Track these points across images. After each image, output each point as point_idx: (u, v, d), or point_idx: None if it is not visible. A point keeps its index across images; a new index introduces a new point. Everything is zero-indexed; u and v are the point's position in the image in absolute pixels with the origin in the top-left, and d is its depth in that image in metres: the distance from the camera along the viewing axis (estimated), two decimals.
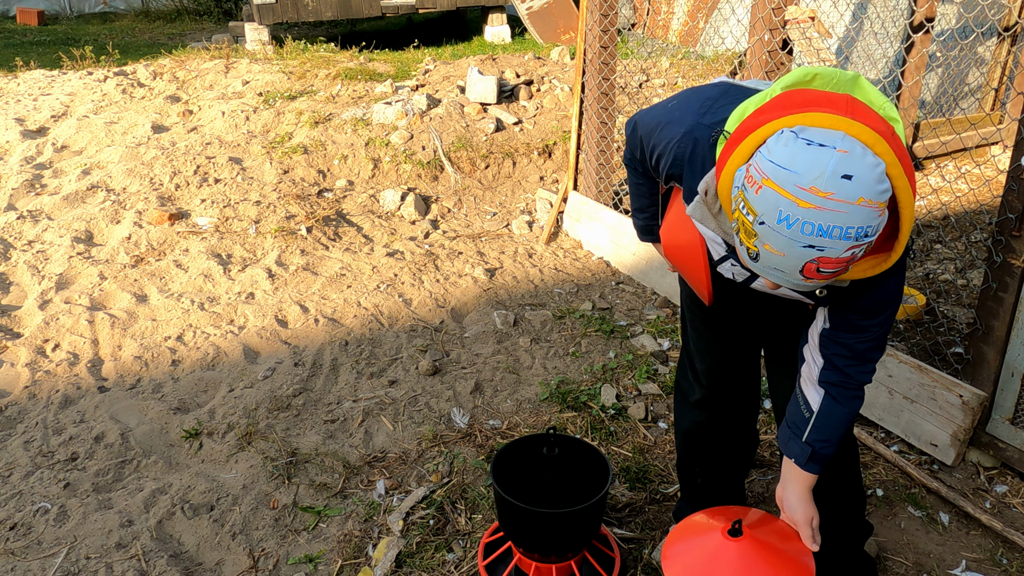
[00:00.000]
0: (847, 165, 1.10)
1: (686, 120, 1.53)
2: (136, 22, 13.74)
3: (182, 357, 3.20)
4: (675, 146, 1.53)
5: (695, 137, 1.50)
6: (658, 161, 1.61)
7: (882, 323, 1.46)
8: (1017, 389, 2.45)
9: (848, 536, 1.97)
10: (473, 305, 3.65)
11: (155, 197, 4.36)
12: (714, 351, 1.95)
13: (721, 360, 1.96)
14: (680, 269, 1.79)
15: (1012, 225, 2.30)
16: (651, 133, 1.63)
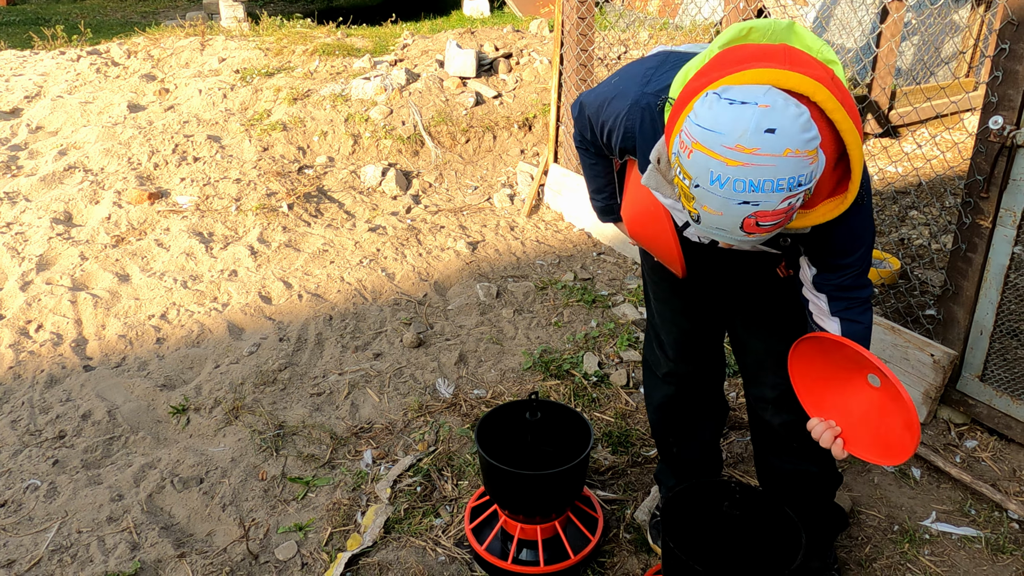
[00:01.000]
0: (769, 119, 1.12)
1: (631, 92, 1.54)
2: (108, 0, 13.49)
3: (167, 335, 3.22)
4: (624, 119, 1.55)
5: (642, 107, 1.51)
6: (609, 137, 1.63)
7: (860, 258, 1.50)
8: (986, 347, 2.52)
9: (820, 488, 2.03)
10: (456, 278, 3.67)
11: (134, 177, 4.33)
12: (680, 321, 1.97)
13: (688, 330, 1.98)
14: (647, 244, 1.79)
15: (980, 187, 2.35)
16: (598, 111, 1.64)
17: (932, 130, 5.59)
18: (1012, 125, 2.23)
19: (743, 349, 1.94)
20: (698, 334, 1.98)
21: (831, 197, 1.32)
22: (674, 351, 2.00)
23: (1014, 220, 2.31)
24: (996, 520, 2.29)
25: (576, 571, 2.11)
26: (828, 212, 1.32)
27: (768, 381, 1.89)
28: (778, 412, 1.91)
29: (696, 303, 1.93)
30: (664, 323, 1.99)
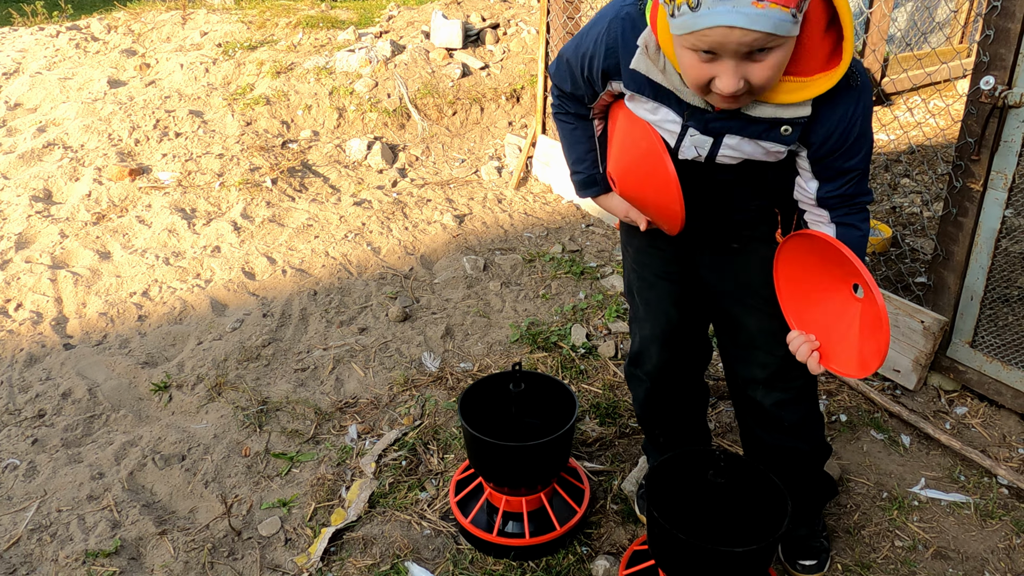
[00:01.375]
0: None
1: (608, 13, 1.50)
2: None
3: (148, 312, 3.17)
4: (604, 36, 1.50)
5: (622, 18, 1.46)
6: (591, 66, 1.56)
7: (863, 159, 1.47)
8: (976, 313, 2.49)
9: (810, 462, 2.00)
10: (443, 251, 3.63)
11: (114, 153, 4.26)
12: (668, 310, 1.88)
13: (676, 320, 1.89)
14: (640, 192, 1.68)
15: (971, 149, 2.31)
16: (577, 48, 1.59)
17: (925, 96, 5.52)
18: (1003, 85, 2.18)
19: (733, 328, 1.86)
20: (685, 324, 1.90)
21: (825, 71, 1.31)
22: (659, 344, 1.91)
23: (1005, 183, 2.27)
24: (985, 486, 2.27)
25: (562, 542, 2.09)
26: (826, 82, 1.31)
27: (758, 360, 1.83)
28: (769, 391, 1.86)
29: (685, 287, 1.84)
30: (650, 314, 1.89)
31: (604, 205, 1.84)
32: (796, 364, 1.76)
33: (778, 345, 1.80)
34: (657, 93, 1.46)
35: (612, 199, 1.81)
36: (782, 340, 1.82)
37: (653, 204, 1.65)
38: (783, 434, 1.91)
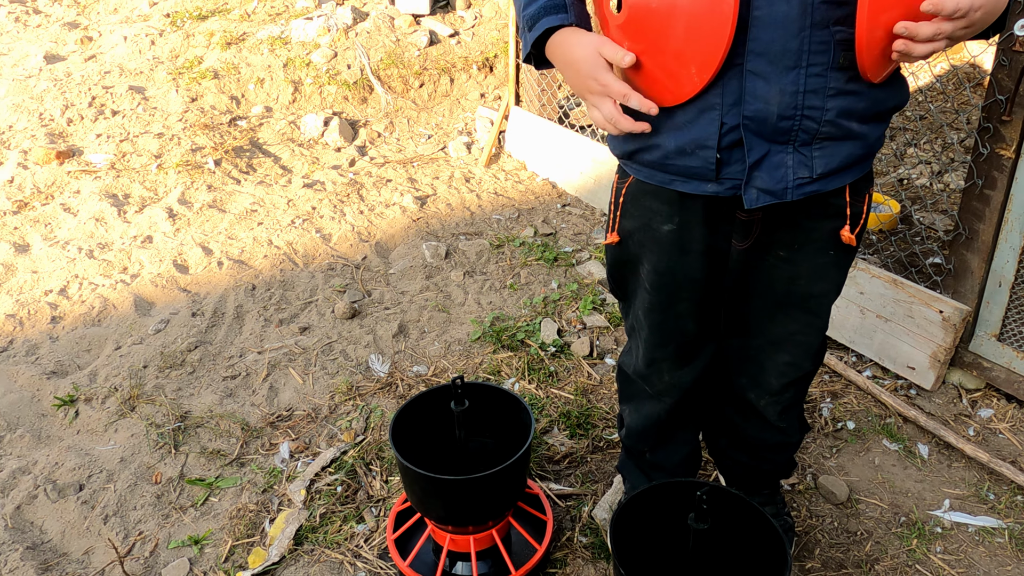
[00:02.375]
0: None
1: None
2: None
3: (64, 313, 2.80)
4: None
5: None
6: None
7: None
8: (1005, 301, 2.14)
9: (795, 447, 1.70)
10: (401, 237, 3.26)
11: (43, 134, 3.86)
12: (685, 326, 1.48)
13: (693, 335, 1.50)
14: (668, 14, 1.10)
15: (1002, 108, 1.94)
16: None
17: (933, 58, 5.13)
18: None
19: (752, 331, 1.50)
20: (704, 335, 1.53)
21: None
22: (672, 361, 1.54)
23: None
24: (1020, 506, 1.94)
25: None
26: None
27: (777, 369, 1.51)
28: (777, 400, 1.56)
29: (707, 297, 1.46)
30: (660, 336, 1.51)
31: (571, 51, 1.21)
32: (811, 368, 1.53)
33: (806, 353, 1.49)
34: None
35: (579, 35, 1.21)
36: (811, 345, 1.49)
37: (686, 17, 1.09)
38: (775, 431, 1.62)
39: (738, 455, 1.75)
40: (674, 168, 1.26)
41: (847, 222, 1.34)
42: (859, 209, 1.35)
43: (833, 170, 1.23)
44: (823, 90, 1.14)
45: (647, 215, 1.38)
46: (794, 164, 1.20)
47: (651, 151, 1.27)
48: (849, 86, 1.15)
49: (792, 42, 1.10)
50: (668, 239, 1.38)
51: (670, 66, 1.14)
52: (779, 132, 1.17)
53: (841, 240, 1.35)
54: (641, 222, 1.40)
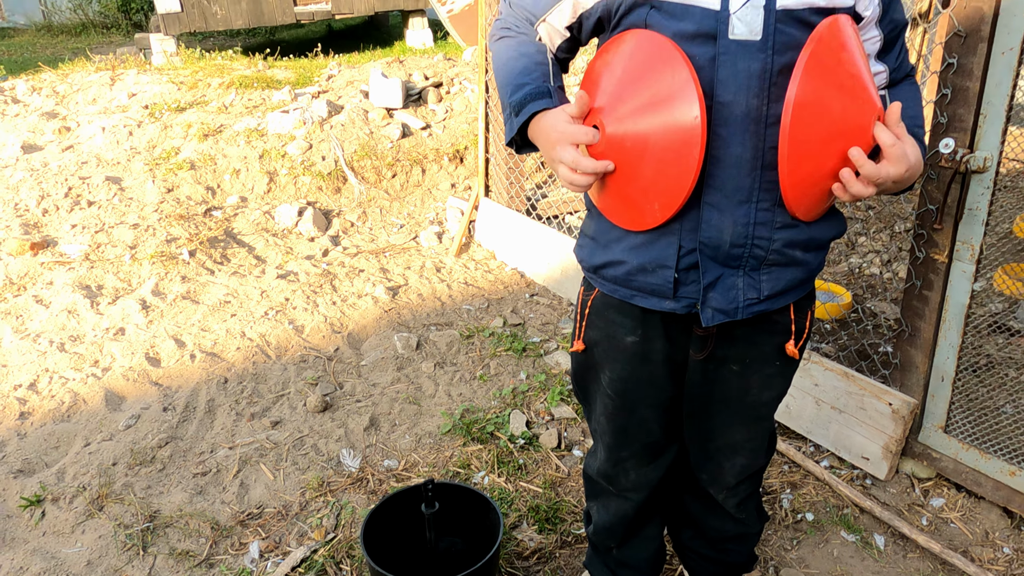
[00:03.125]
0: None
1: None
2: (38, 37, 13.00)
3: (32, 408, 2.80)
4: None
5: None
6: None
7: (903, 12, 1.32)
8: (948, 395, 2.26)
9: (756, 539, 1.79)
10: (373, 328, 3.32)
11: (18, 225, 3.91)
12: (651, 429, 1.57)
13: (657, 437, 1.59)
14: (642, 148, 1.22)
15: (933, 217, 2.10)
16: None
17: None
18: (965, 148, 1.98)
19: (710, 435, 1.59)
20: (667, 437, 1.62)
21: None
22: (637, 461, 1.62)
23: (972, 254, 2.06)
24: None
25: None
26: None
27: (735, 468, 1.62)
28: (735, 493, 1.67)
29: (670, 403, 1.56)
30: (624, 440, 1.59)
31: (546, 135, 1.29)
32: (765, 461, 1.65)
33: (758, 452, 1.61)
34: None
35: (558, 115, 1.28)
36: (761, 445, 1.60)
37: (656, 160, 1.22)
38: (735, 523, 1.72)
39: (701, 547, 1.81)
40: (636, 284, 1.37)
41: (791, 337, 1.46)
42: (802, 325, 1.47)
43: (779, 292, 1.35)
44: (770, 223, 1.27)
45: (611, 327, 1.48)
46: (744, 286, 1.32)
47: (615, 267, 1.38)
48: (793, 220, 1.29)
49: (745, 180, 1.24)
50: (631, 349, 1.48)
51: (636, 198, 1.27)
52: (731, 258, 1.29)
53: (786, 353, 1.46)
54: (605, 333, 1.50)
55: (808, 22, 1.20)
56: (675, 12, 1.19)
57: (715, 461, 1.62)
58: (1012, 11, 1.83)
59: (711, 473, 1.64)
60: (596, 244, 1.42)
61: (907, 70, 1.39)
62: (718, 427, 1.57)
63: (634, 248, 1.34)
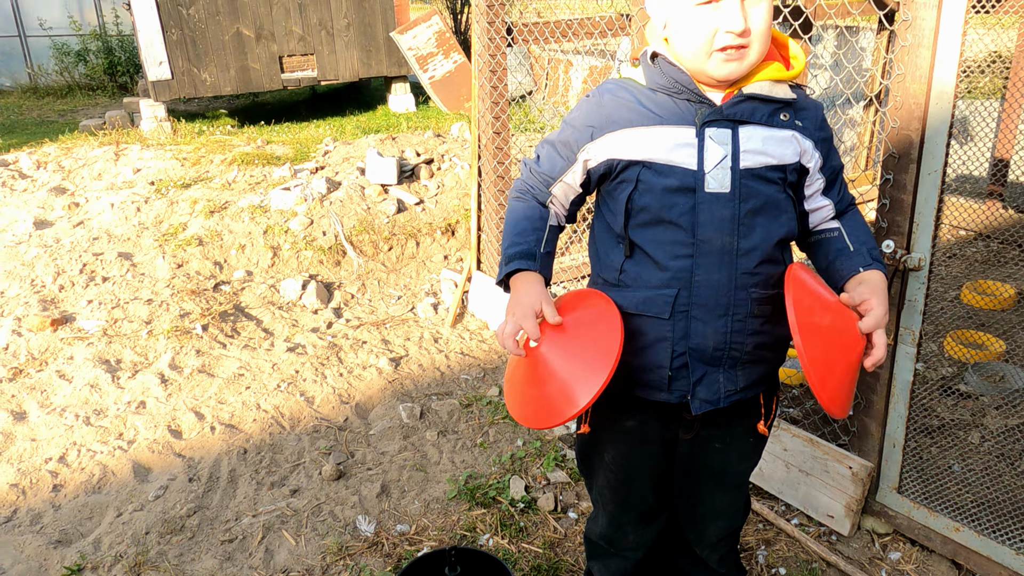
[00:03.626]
0: None
1: (593, 92, 1.63)
2: (24, 99, 13.24)
3: (64, 480, 3.00)
4: (598, 95, 1.60)
5: (611, 82, 1.61)
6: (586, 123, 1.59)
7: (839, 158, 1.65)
8: (900, 459, 2.56)
9: None
10: (378, 399, 3.58)
11: (36, 300, 4.13)
12: (647, 497, 1.86)
13: (652, 504, 1.88)
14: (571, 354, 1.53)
15: None
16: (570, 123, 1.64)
17: None
18: (903, 249, 2.33)
19: (696, 502, 1.89)
20: (660, 503, 1.92)
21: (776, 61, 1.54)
22: (636, 525, 1.91)
23: (913, 339, 2.40)
24: None
25: None
26: (798, 67, 1.53)
27: (719, 528, 1.91)
28: (716, 549, 1.95)
29: (664, 473, 1.86)
30: (626, 506, 1.88)
31: (523, 290, 1.58)
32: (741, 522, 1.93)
33: (737, 515, 1.92)
34: (662, 110, 1.53)
35: (535, 285, 1.58)
36: (740, 509, 1.91)
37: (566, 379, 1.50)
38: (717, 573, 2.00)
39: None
40: (637, 380, 1.68)
41: (761, 418, 1.77)
42: (770, 408, 1.79)
43: (752, 383, 1.68)
44: (743, 331, 1.60)
45: (614, 413, 1.78)
46: (724, 381, 1.65)
47: (621, 368, 1.65)
48: (762, 328, 1.62)
49: (722, 299, 1.57)
50: (631, 432, 1.78)
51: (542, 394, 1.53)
52: (714, 359, 1.62)
53: (758, 431, 1.78)
54: (609, 418, 1.79)
55: (766, 177, 1.54)
56: (662, 171, 1.53)
57: (701, 524, 1.92)
58: (935, 140, 2.20)
59: (697, 534, 1.94)
60: None
61: (849, 200, 1.73)
62: (704, 495, 1.87)
63: (635, 353, 1.64)
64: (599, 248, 1.68)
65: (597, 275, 1.71)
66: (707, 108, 1.51)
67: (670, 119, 1.51)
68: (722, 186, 1.51)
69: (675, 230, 1.53)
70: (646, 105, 1.53)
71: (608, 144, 1.57)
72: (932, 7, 2.12)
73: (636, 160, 1.54)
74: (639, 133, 1.52)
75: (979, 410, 3.35)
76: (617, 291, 1.61)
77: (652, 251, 1.56)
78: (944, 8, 2.11)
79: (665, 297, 1.56)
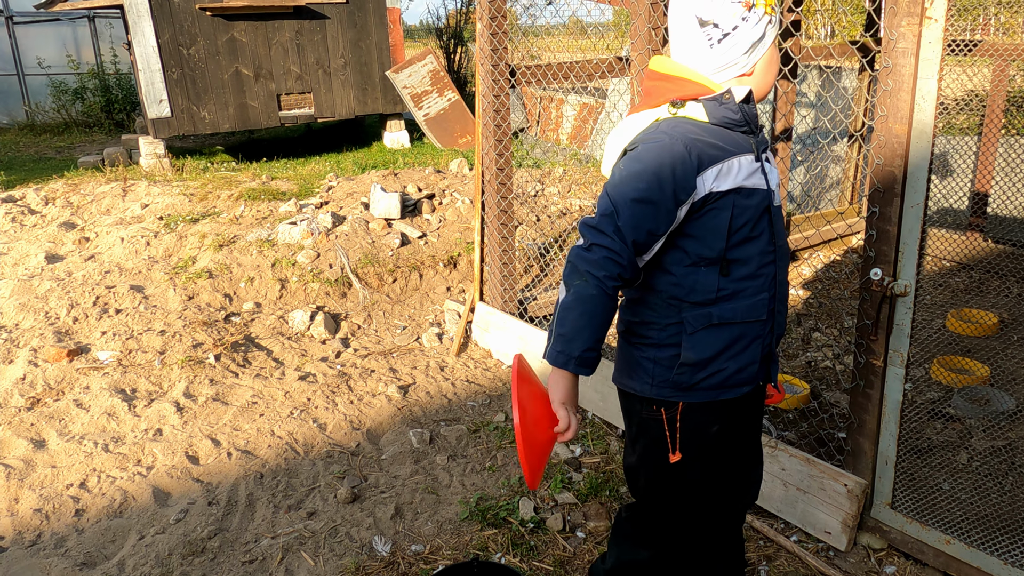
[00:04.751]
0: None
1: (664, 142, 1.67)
2: (21, 136, 13.40)
3: (86, 505, 3.09)
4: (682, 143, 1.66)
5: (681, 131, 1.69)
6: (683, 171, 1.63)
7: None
8: (892, 476, 2.70)
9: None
10: (388, 425, 3.69)
11: (51, 332, 4.23)
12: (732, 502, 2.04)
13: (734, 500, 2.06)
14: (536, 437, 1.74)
15: (869, 331, 2.60)
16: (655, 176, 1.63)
17: (826, 253, 6.07)
18: (890, 277, 2.50)
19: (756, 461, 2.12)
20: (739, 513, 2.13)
21: None
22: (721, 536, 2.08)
23: (902, 360, 2.55)
24: None
25: None
26: None
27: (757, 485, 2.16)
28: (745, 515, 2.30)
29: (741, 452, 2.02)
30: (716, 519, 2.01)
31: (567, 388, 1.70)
32: None
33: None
34: (730, 143, 1.70)
35: (576, 386, 1.72)
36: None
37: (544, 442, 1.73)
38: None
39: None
40: (730, 383, 1.81)
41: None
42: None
43: None
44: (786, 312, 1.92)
45: (700, 427, 1.83)
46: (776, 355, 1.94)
47: (714, 376, 1.79)
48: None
49: (785, 291, 1.90)
50: (715, 435, 1.86)
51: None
52: (777, 339, 1.92)
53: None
54: (695, 434, 1.82)
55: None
56: (749, 194, 1.73)
57: (756, 486, 2.11)
58: (916, 175, 2.38)
59: (752, 497, 2.11)
60: (695, 368, 1.77)
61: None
62: (757, 453, 2.10)
63: (732, 356, 1.77)
64: (680, 278, 1.73)
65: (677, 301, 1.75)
66: (754, 138, 1.77)
67: (740, 150, 1.72)
68: (778, 200, 1.83)
69: (759, 242, 1.76)
70: (718, 140, 1.69)
71: (707, 180, 1.66)
72: (910, 55, 2.32)
73: (731, 189, 1.69)
74: (727, 164, 1.68)
75: (966, 432, 3.50)
76: (717, 309, 1.73)
77: (748, 263, 1.75)
78: (921, 55, 2.31)
79: (763, 301, 1.78)
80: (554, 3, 4.76)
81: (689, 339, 1.75)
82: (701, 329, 1.74)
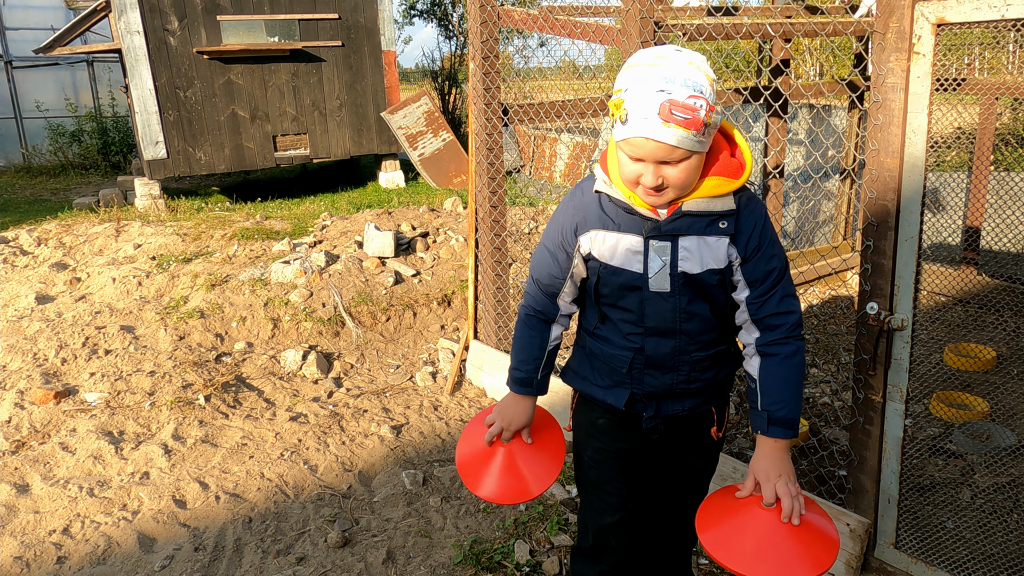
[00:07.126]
0: (679, 50, 1.60)
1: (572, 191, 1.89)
2: (17, 178, 13.44)
3: (68, 553, 3.00)
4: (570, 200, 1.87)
5: (581, 186, 1.86)
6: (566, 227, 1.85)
7: (779, 259, 1.78)
8: (895, 514, 2.64)
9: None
10: (381, 466, 3.62)
11: (39, 374, 4.17)
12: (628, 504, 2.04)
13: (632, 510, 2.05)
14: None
15: (867, 366, 2.56)
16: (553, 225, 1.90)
17: (821, 288, 6.06)
18: (886, 311, 2.47)
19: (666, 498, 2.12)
20: (640, 514, 2.10)
21: (737, 176, 1.72)
22: (617, 529, 2.08)
23: (901, 395, 2.51)
24: None
25: None
26: (741, 180, 1.71)
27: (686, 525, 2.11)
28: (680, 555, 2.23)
29: (635, 477, 2.06)
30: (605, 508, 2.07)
31: (513, 408, 2.03)
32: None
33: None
34: (618, 219, 1.77)
35: (525, 409, 2.02)
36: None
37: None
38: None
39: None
40: (598, 385, 1.98)
41: (715, 425, 2.03)
42: (722, 418, 2.04)
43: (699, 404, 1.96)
44: (687, 380, 1.92)
45: (586, 413, 2.06)
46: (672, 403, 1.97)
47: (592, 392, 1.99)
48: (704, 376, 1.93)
49: (668, 362, 1.87)
50: (604, 429, 2.03)
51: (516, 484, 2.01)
52: (664, 395, 1.93)
53: (711, 435, 2.04)
54: (582, 415, 2.08)
55: (702, 278, 1.79)
56: (616, 272, 1.80)
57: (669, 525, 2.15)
58: (910, 208, 2.38)
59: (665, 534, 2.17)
60: (585, 381, 2.01)
61: (781, 321, 1.80)
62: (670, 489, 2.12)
63: (601, 389, 1.96)
64: (584, 304, 2.00)
65: (580, 322, 2.04)
66: (651, 224, 1.75)
67: (625, 228, 1.77)
68: (662, 287, 1.79)
69: (629, 314, 1.84)
70: (607, 212, 1.79)
71: (587, 239, 1.85)
72: (900, 89, 2.32)
73: (598, 259, 1.83)
74: (604, 236, 1.80)
75: (968, 468, 3.44)
76: (592, 341, 1.96)
77: (615, 323, 1.88)
78: (911, 90, 2.32)
79: (624, 356, 1.88)
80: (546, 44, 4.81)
81: (579, 349, 2.05)
82: (580, 347, 2.03)
